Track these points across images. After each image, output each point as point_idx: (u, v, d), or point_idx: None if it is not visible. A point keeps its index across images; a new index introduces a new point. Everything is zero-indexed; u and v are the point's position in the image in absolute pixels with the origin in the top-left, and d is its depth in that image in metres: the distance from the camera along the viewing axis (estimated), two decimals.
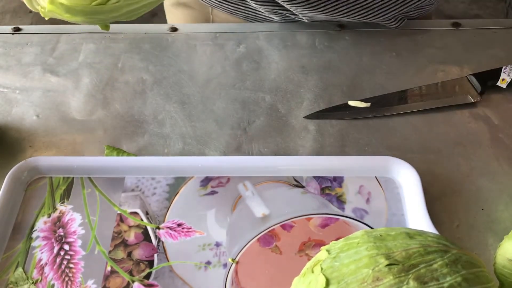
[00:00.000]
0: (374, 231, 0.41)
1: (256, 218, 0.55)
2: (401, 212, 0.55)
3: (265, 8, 0.73)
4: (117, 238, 0.54)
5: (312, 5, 0.69)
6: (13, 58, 0.73)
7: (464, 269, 0.38)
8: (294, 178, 0.58)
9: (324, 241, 0.53)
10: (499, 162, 0.59)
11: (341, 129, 0.63)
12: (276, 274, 0.51)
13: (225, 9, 0.78)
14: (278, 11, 0.73)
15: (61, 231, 0.55)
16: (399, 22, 0.73)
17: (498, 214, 0.55)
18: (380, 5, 0.70)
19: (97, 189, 0.58)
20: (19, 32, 0.76)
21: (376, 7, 0.70)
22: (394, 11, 0.71)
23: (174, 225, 0.55)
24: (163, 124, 0.64)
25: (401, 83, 0.67)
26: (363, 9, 0.70)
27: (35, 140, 0.63)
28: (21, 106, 0.67)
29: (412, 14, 0.75)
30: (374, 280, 0.36)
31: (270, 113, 0.65)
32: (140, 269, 0.52)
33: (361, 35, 0.74)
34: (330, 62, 0.71)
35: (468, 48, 0.71)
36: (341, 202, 0.56)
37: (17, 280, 0.52)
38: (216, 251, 0.53)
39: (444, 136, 0.62)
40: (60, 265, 0.53)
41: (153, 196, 0.57)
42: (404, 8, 0.72)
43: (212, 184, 0.58)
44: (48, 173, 0.59)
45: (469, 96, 0.64)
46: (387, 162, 0.58)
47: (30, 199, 0.57)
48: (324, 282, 0.38)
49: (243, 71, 0.70)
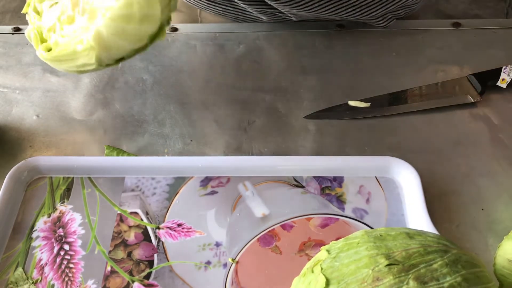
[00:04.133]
0: (374, 231, 0.41)
1: (256, 218, 0.55)
2: (401, 212, 0.55)
3: (254, 8, 0.73)
4: (117, 238, 0.54)
5: (299, 3, 0.69)
6: (13, 58, 0.73)
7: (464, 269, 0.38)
8: (294, 178, 0.58)
9: (324, 241, 0.53)
10: (499, 162, 0.59)
11: (341, 129, 0.63)
12: (276, 274, 0.51)
13: (213, 11, 0.78)
14: (267, 11, 0.74)
15: (61, 231, 0.55)
16: (387, 21, 0.73)
17: (498, 214, 0.55)
18: (365, 3, 0.70)
19: (97, 189, 0.58)
20: (19, 32, 0.76)
21: (362, 5, 0.70)
22: (380, 10, 0.71)
23: (174, 225, 0.55)
24: (163, 124, 0.64)
25: (401, 83, 0.67)
26: (349, 8, 0.70)
27: (35, 140, 0.63)
28: (21, 106, 0.67)
29: (400, 13, 0.75)
30: (374, 280, 0.36)
31: (270, 113, 0.65)
32: (140, 269, 0.52)
33: (361, 35, 0.74)
34: (330, 62, 0.71)
35: (468, 48, 0.71)
36: (341, 202, 0.56)
37: (17, 280, 0.52)
38: (216, 251, 0.53)
39: (444, 136, 0.62)
40: (60, 265, 0.53)
41: (153, 196, 0.57)
42: (389, 6, 0.72)
43: (212, 184, 0.58)
44: (48, 173, 0.59)
45: (469, 96, 0.65)
46: (387, 162, 0.58)
47: (30, 199, 0.57)
48: (324, 282, 0.38)
49: (243, 71, 0.70)
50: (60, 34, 0.55)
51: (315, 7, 0.69)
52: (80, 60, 0.53)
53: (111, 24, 0.51)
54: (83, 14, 0.54)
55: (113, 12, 0.51)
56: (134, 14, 0.51)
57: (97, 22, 0.51)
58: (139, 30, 0.52)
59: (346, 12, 0.71)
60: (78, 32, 0.53)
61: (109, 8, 0.51)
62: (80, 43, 0.52)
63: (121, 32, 0.51)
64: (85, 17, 0.53)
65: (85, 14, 0.53)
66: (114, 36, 0.51)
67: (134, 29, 0.52)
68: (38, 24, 0.57)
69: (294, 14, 0.73)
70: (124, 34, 0.51)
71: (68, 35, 0.54)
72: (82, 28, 0.53)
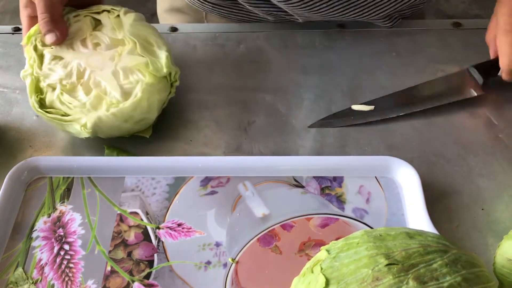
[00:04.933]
0: (374, 231, 0.41)
1: (256, 218, 0.55)
2: (401, 212, 0.55)
3: (260, 9, 0.73)
4: (117, 238, 0.54)
5: (307, 4, 0.68)
6: (13, 58, 0.73)
7: (464, 269, 0.38)
8: (294, 178, 0.58)
9: (324, 241, 0.53)
10: (499, 162, 0.59)
11: (341, 129, 0.63)
12: (276, 274, 0.51)
13: (219, 13, 0.78)
14: (273, 12, 0.73)
15: (61, 231, 0.55)
16: (393, 21, 0.73)
17: (498, 214, 0.55)
18: (374, 4, 0.70)
19: (97, 189, 0.58)
20: (19, 32, 0.76)
21: (370, 6, 0.70)
22: (388, 10, 0.71)
23: (174, 225, 0.55)
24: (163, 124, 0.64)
25: (401, 83, 0.67)
26: (358, 8, 0.70)
27: (35, 140, 0.63)
28: (21, 106, 0.67)
29: (406, 12, 0.75)
30: (374, 280, 0.36)
31: (270, 113, 0.65)
32: (140, 269, 0.52)
33: (361, 35, 0.74)
34: (330, 62, 0.71)
35: (468, 48, 0.71)
36: (341, 202, 0.56)
37: (17, 280, 0.52)
38: (216, 251, 0.53)
39: (444, 136, 0.62)
40: (60, 265, 0.53)
41: (153, 196, 0.57)
42: (398, 6, 0.72)
43: (212, 184, 0.58)
44: (48, 173, 0.59)
45: (472, 90, 0.64)
46: (387, 162, 0.58)
47: (30, 199, 0.57)
48: (324, 282, 0.38)
49: (243, 71, 0.70)
50: (59, 98, 0.57)
51: (323, 8, 0.69)
52: (71, 130, 0.58)
53: (112, 119, 0.56)
54: (88, 92, 0.57)
55: (118, 110, 0.56)
56: (134, 116, 0.57)
57: (99, 112, 0.56)
58: (131, 128, 0.59)
59: (354, 12, 0.70)
60: (78, 109, 0.57)
61: (116, 103, 0.56)
62: (77, 122, 0.56)
63: (116, 127, 0.57)
64: (89, 98, 0.57)
65: (90, 94, 0.57)
66: (110, 128, 0.57)
67: (128, 127, 0.58)
68: (38, 72, 0.59)
69: (302, 15, 0.72)
70: (118, 128, 0.58)
71: (66, 104, 0.57)
72: (82, 106, 0.57)
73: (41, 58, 0.60)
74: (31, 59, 0.59)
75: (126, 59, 0.58)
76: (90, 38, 0.60)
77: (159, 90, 0.58)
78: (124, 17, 0.61)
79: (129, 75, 0.58)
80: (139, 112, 0.57)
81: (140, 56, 0.58)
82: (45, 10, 0.59)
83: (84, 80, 0.58)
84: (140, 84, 0.57)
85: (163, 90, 0.59)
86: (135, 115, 0.57)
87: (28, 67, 0.59)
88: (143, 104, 0.57)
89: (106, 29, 0.61)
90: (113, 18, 0.62)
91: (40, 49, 0.60)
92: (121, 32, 0.60)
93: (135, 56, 0.58)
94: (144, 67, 0.58)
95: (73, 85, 0.58)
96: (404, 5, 0.72)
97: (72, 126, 0.57)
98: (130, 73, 0.58)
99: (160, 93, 0.59)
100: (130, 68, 0.58)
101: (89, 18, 0.62)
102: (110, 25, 0.61)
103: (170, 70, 0.59)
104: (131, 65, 0.58)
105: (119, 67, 0.58)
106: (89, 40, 0.60)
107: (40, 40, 0.60)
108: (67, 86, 0.57)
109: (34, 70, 0.59)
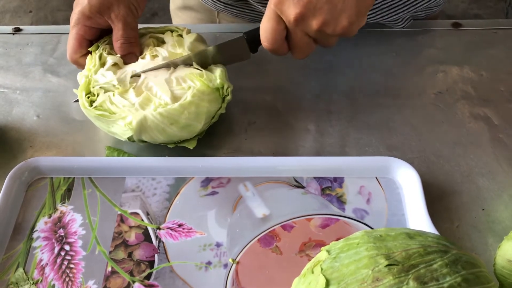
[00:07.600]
0: (374, 232, 0.41)
1: (257, 218, 0.55)
2: (401, 212, 0.55)
3: None
4: (117, 239, 0.54)
5: None
6: (14, 58, 0.73)
7: (464, 269, 0.38)
8: (294, 179, 0.58)
9: (325, 242, 0.53)
10: (499, 162, 0.59)
11: (341, 129, 0.63)
12: (276, 274, 0.51)
13: (231, 13, 0.78)
14: None
15: (61, 231, 0.55)
16: (406, 22, 0.73)
17: (498, 214, 0.55)
18: (389, 6, 0.70)
19: (97, 189, 0.58)
20: (20, 32, 0.76)
21: (385, 8, 0.70)
22: (403, 12, 0.71)
23: (175, 225, 0.55)
24: None
25: (401, 83, 0.67)
26: (373, 10, 0.70)
27: (36, 141, 0.63)
28: (22, 106, 0.67)
29: (420, 14, 0.75)
30: (374, 280, 0.36)
31: (270, 113, 0.65)
32: (141, 269, 0.52)
33: (361, 35, 0.73)
34: (330, 62, 0.71)
35: (468, 48, 0.71)
36: (341, 202, 0.56)
37: (18, 280, 0.52)
38: (216, 251, 0.53)
39: (444, 136, 0.62)
40: (61, 266, 0.53)
41: (153, 197, 0.57)
42: (413, 8, 0.72)
43: (212, 185, 0.58)
44: (48, 173, 0.59)
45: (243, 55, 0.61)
46: (387, 163, 0.58)
47: (31, 200, 0.58)
48: (324, 283, 0.38)
49: (243, 71, 0.70)
50: (110, 99, 0.58)
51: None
52: (115, 129, 0.57)
53: (159, 118, 0.55)
54: (138, 94, 0.57)
55: (165, 109, 0.55)
56: (180, 120, 0.56)
57: (147, 110, 0.56)
58: (176, 134, 0.58)
59: (370, 15, 0.70)
60: (127, 108, 0.56)
61: (164, 104, 0.56)
62: (123, 119, 0.56)
63: (161, 129, 0.56)
64: (139, 98, 0.57)
65: (140, 96, 0.57)
66: (154, 130, 0.56)
67: (173, 132, 0.57)
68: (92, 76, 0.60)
69: None
70: (163, 131, 0.56)
71: (116, 104, 0.57)
72: (131, 106, 0.56)
73: (102, 65, 0.61)
74: (91, 63, 0.61)
75: (181, 70, 0.59)
76: (149, 51, 0.62)
77: (209, 100, 0.58)
78: (186, 36, 0.63)
79: (182, 83, 0.58)
80: (186, 116, 0.56)
81: (195, 69, 0.59)
82: (124, 33, 0.61)
83: (137, 84, 0.59)
84: (192, 89, 0.57)
85: (214, 101, 0.59)
86: (182, 119, 0.56)
87: (86, 70, 0.60)
88: (191, 109, 0.56)
89: (167, 45, 0.63)
90: (176, 36, 0.63)
91: (104, 57, 0.61)
92: (181, 48, 0.62)
93: (190, 68, 0.60)
94: (197, 76, 0.58)
95: (125, 89, 0.58)
96: (420, 7, 0.72)
97: (117, 125, 0.56)
98: (183, 81, 0.58)
99: (210, 103, 0.58)
100: (183, 77, 0.58)
101: (152, 40, 0.64)
102: (171, 42, 0.63)
103: (223, 82, 0.59)
104: (184, 74, 0.59)
105: (173, 76, 0.59)
106: (149, 53, 0.62)
107: (107, 50, 0.62)
108: (120, 88, 0.58)
109: (91, 73, 0.60)
